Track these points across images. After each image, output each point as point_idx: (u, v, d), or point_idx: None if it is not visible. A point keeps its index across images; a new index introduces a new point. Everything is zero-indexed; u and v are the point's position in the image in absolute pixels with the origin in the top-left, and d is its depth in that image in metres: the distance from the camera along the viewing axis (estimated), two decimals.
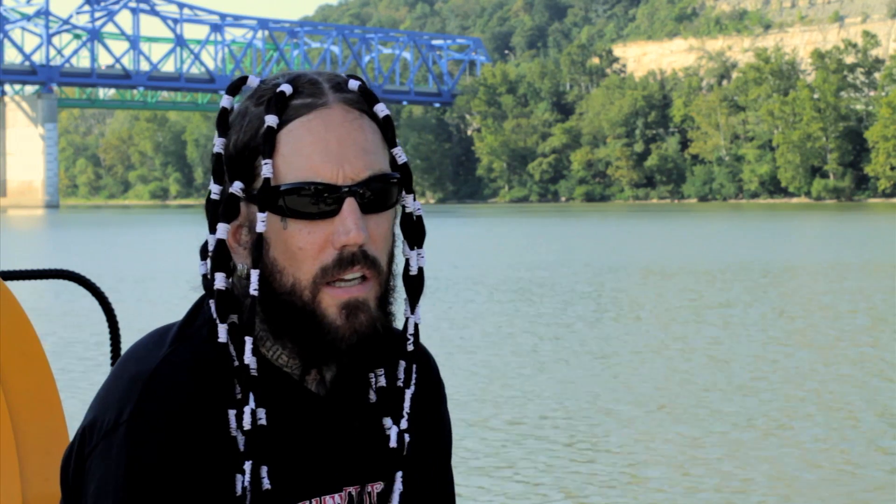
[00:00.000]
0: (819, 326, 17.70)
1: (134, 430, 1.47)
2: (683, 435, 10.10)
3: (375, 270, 1.49)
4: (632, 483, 8.59)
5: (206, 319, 1.55)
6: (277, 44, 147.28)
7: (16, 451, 2.34)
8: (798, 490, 8.37)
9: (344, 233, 1.47)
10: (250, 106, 1.52)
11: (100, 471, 1.49)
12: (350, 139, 1.49)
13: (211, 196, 1.52)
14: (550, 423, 10.66)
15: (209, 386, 1.50)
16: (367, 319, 1.49)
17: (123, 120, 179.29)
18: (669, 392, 12.16)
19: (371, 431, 1.59)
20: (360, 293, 1.49)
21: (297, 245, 1.48)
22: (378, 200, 1.50)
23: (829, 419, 10.74)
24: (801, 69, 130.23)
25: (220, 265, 1.52)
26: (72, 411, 5.50)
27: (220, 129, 1.53)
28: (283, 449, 1.52)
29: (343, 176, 1.48)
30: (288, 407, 1.53)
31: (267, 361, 1.53)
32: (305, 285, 1.48)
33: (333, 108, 1.50)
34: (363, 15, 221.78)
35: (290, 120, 1.49)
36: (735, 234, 49.72)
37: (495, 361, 14.28)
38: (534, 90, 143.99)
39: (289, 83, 1.51)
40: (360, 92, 1.53)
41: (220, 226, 1.51)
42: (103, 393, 1.53)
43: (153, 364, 1.50)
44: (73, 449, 1.53)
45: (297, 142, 1.48)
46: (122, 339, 2.90)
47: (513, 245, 42.65)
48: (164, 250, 40.83)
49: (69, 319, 18.94)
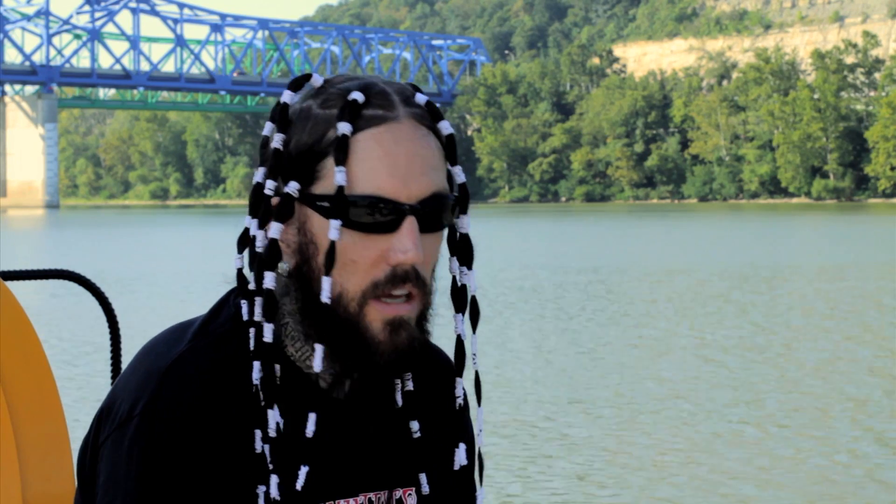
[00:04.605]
0: (819, 328, 17.70)
1: (146, 424, 1.47)
2: (684, 436, 10.09)
3: (423, 290, 1.50)
4: (633, 483, 8.59)
5: (230, 316, 1.54)
6: (277, 44, 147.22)
7: (16, 451, 2.34)
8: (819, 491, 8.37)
9: (402, 251, 1.46)
10: (314, 106, 1.50)
11: (110, 462, 1.49)
12: (418, 156, 1.48)
13: (265, 191, 1.50)
14: (551, 423, 10.66)
15: (227, 385, 1.49)
16: (407, 337, 1.49)
17: (123, 120, 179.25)
18: (670, 392, 12.15)
19: (394, 436, 1.59)
20: (405, 311, 1.48)
21: (350, 257, 1.47)
22: (435, 220, 1.50)
23: (828, 419, 10.73)
24: (801, 69, 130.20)
25: (271, 265, 1.50)
26: (72, 411, 5.50)
27: (280, 124, 1.50)
28: (299, 452, 1.51)
29: (408, 194, 1.47)
30: (305, 409, 1.52)
31: (290, 362, 1.53)
32: (353, 297, 1.47)
33: (404, 123, 1.49)
34: (363, 15, 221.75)
35: (360, 129, 1.48)
36: (735, 235, 49.69)
37: (495, 362, 14.27)
38: (534, 90, 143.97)
39: (360, 91, 1.49)
40: (427, 107, 1.53)
41: (273, 225, 1.49)
42: (121, 382, 1.53)
43: (170, 359, 1.50)
44: (90, 436, 1.54)
45: (366, 153, 1.47)
46: (122, 339, 2.90)
47: (513, 245, 42.63)
48: (165, 250, 40.83)
49: (69, 320, 18.94)
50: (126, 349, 2.68)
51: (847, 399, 11.70)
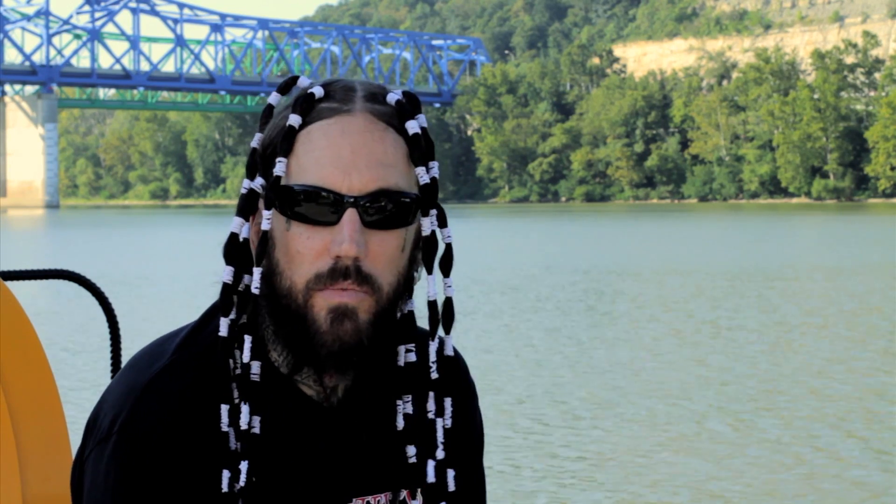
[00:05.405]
0: (818, 327, 17.70)
1: (124, 440, 1.47)
2: (682, 438, 10.09)
3: (370, 287, 1.46)
4: (636, 483, 8.59)
5: (217, 325, 1.53)
6: (277, 44, 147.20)
7: (16, 451, 2.33)
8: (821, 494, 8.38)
9: (338, 243, 1.44)
10: (287, 105, 1.52)
11: (91, 477, 1.50)
12: (365, 149, 1.46)
13: (241, 189, 1.51)
14: (548, 422, 10.66)
15: (207, 397, 1.48)
16: (352, 328, 1.46)
17: (123, 120, 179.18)
18: (670, 392, 12.16)
19: (389, 450, 1.56)
20: (352, 300, 1.45)
21: (295, 248, 1.46)
22: (386, 217, 1.47)
23: (828, 419, 10.74)
24: (801, 69, 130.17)
25: (230, 259, 1.50)
26: (72, 412, 5.50)
27: (260, 124, 1.52)
28: (280, 457, 1.50)
29: (349, 185, 1.45)
30: (288, 414, 1.51)
31: (273, 367, 1.51)
32: (300, 289, 1.46)
33: (356, 116, 1.47)
34: (363, 15, 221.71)
35: (311, 122, 1.47)
36: (735, 235, 49.69)
37: (494, 361, 14.28)
38: (534, 90, 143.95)
39: (322, 86, 1.50)
40: (397, 106, 1.50)
41: (234, 219, 1.50)
42: (106, 395, 1.53)
43: (150, 375, 1.49)
44: (80, 448, 1.55)
45: (312, 145, 1.46)
46: (122, 339, 2.91)
47: (512, 245, 42.63)
48: (165, 251, 40.82)
49: (69, 320, 18.94)
50: (126, 349, 2.68)
51: (847, 399, 11.70)
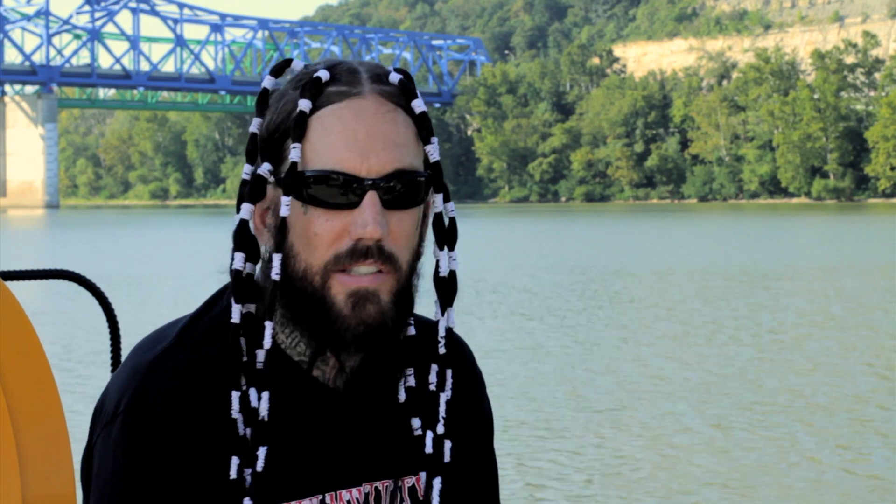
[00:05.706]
0: (819, 327, 17.70)
1: (130, 419, 1.47)
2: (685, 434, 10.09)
3: (392, 266, 1.46)
4: (633, 483, 8.59)
5: (223, 309, 1.53)
6: (277, 44, 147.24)
7: (16, 451, 2.32)
8: None
9: (361, 225, 1.44)
10: (289, 89, 1.50)
11: (99, 459, 1.50)
12: (380, 131, 1.46)
13: (243, 175, 1.51)
14: (547, 422, 10.66)
15: (212, 378, 1.48)
16: (375, 311, 1.46)
17: (123, 120, 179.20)
18: (670, 392, 12.16)
19: (396, 428, 1.56)
20: (371, 283, 1.46)
21: (313, 231, 1.46)
22: (403, 197, 1.47)
23: (828, 419, 10.74)
24: (801, 69, 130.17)
25: (241, 245, 1.50)
26: (72, 411, 5.51)
27: (258, 109, 1.52)
28: (289, 441, 1.50)
29: (368, 168, 1.45)
30: (297, 398, 1.51)
31: (280, 351, 1.51)
32: (317, 271, 1.46)
33: (367, 98, 1.48)
34: (363, 15, 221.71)
35: (322, 106, 1.47)
36: (735, 235, 49.69)
37: (495, 361, 14.28)
38: (534, 90, 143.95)
39: (327, 69, 1.49)
40: (400, 85, 1.51)
41: (244, 206, 1.49)
42: (112, 380, 1.54)
43: (154, 355, 1.50)
44: (89, 436, 1.56)
45: (326, 129, 1.46)
46: (122, 339, 2.91)
47: (512, 245, 42.64)
48: (165, 251, 40.83)
49: (69, 320, 18.94)
50: (126, 349, 2.68)
51: (847, 399, 11.71)
